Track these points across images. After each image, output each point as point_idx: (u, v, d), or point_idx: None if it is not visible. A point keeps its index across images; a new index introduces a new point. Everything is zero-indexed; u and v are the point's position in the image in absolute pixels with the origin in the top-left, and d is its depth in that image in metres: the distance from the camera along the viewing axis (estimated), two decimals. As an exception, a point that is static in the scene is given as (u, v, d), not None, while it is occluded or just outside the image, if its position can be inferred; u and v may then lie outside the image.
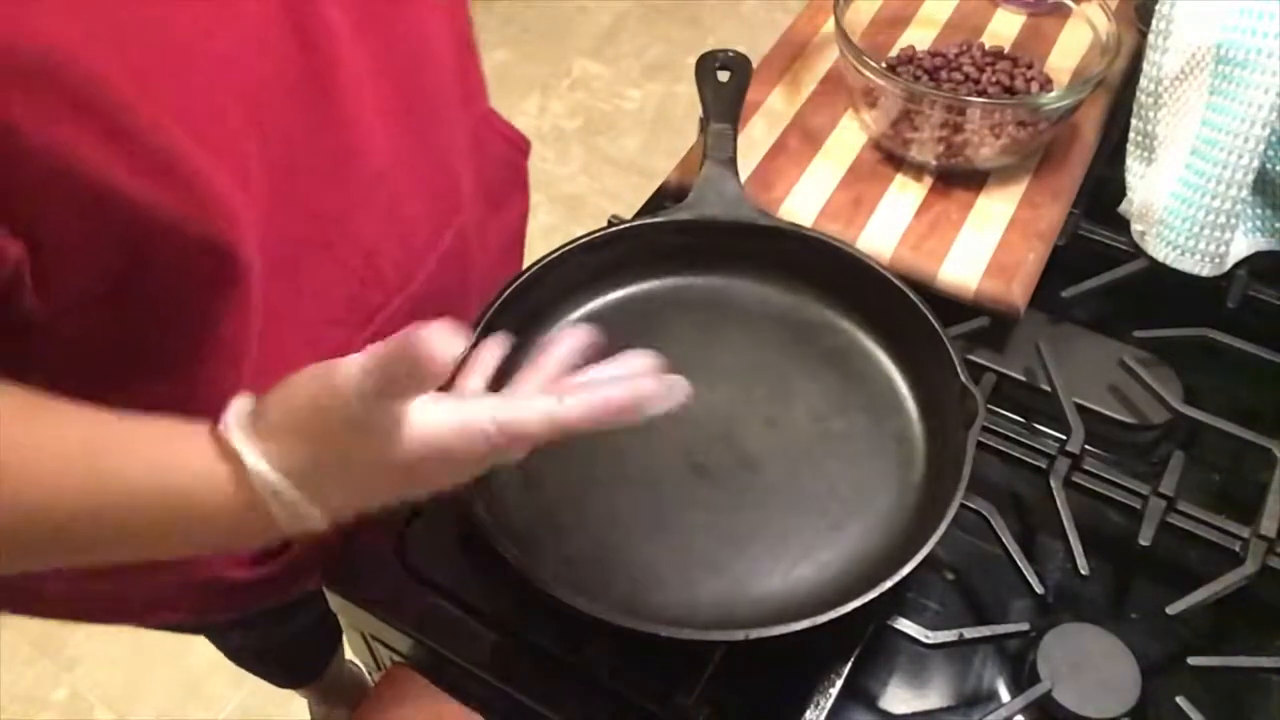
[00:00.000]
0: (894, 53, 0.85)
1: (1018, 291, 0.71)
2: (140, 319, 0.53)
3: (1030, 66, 0.80)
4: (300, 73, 0.53)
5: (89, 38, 0.43)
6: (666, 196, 0.80)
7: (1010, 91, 0.78)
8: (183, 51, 0.46)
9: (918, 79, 0.79)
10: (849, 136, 0.82)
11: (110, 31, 0.43)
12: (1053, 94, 0.74)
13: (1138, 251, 0.76)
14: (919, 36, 0.86)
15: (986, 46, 0.83)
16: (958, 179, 0.78)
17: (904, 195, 0.78)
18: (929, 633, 0.58)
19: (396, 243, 0.64)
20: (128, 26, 0.44)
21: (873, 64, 0.74)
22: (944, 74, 0.79)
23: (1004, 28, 0.88)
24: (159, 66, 0.45)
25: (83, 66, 0.43)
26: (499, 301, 0.65)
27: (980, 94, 0.77)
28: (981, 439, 0.60)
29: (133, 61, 0.44)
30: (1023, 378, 0.71)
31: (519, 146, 0.82)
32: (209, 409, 0.55)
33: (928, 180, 0.78)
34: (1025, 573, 0.60)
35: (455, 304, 0.69)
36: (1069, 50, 0.81)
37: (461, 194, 0.69)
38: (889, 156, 0.79)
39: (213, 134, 0.48)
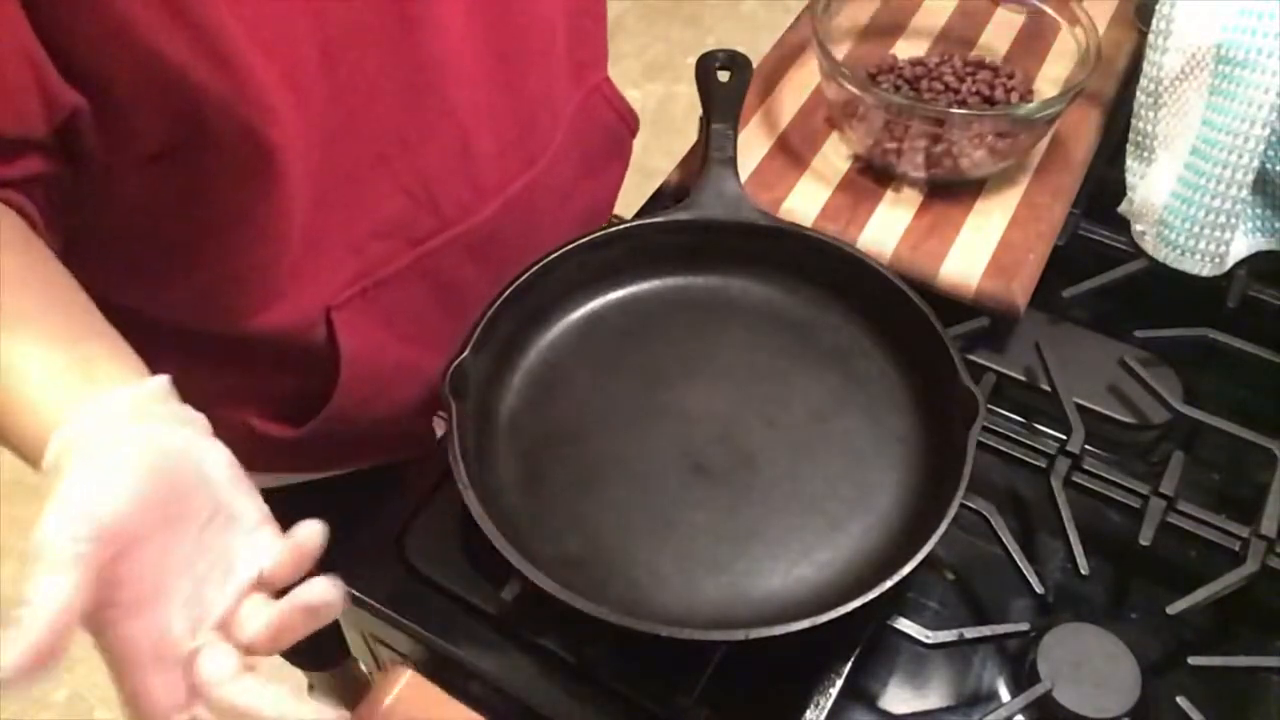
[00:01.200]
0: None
1: (1018, 291, 0.71)
2: (187, 189, 0.55)
3: (1011, 76, 0.80)
4: (392, 21, 0.55)
5: None
6: (666, 196, 0.80)
7: (990, 101, 0.78)
8: None
9: (898, 89, 0.79)
10: (849, 136, 0.82)
11: None
12: (1031, 105, 0.74)
13: (1138, 251, 0.76)
14: (914, 44, 0.86)
15: (970, 55, 0.83)
16: (954, 181, 0.78)
17: (904, 195, 0.77)
18: (929, 633, 0.58)
19: (461, 178, 0.66)
20: None
21: (849, 75, 0.74)
22: (924, 84, 0.79)
23: (1002, 32, 0.88)
24: None
25: None
26: (499, 301, 0.65)
27: (960, 104, 0.77)
28: (981, 439, 0.60)
29: None
30: (1023, 378, 0.71)
31: (627, 122, 0.84)
32: (248, 295, 0.60)
33: (924, 183, 0.78)
34: (1025, 573, 0.60)
35: (513, 250, 0.70)
36: (1063, 57, 0.81)
37: (543, 148, 0.71)
38: (876, 168, 0.79)
39: (267, 33, 0.50)
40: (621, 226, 0.71)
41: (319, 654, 1.27)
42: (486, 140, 0.66)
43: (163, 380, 0.46)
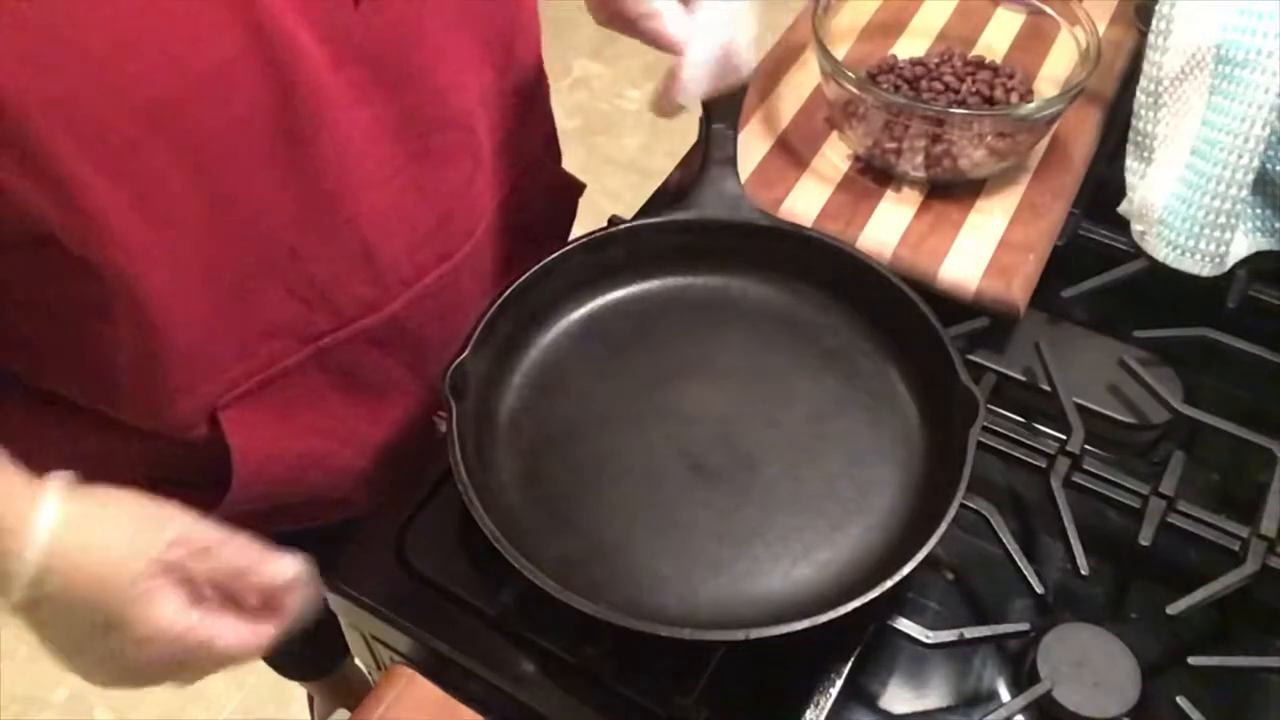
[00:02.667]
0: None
1: (1018, 291, 0.71)
2: (37, 300, 0.55)
3: (1012, 76, 0.80)
4: (275, 119, 0.52)
5: (13, 64, 0.43)
6: (666, 196, 0.80)
7: (990, 101, 0.78)
8: (99, 79, 0.46)
9: (898, 89, 0.79)
10: (849, 136, 0.82)
11: (22, 51, 0.44)
12: (1031, 105, 0.74)
13: (1138, 251, 0.76)
14: (914, 44, 0.86)
15: (970, 55, 0.83)
16: (954, 181, 0.78)
17: (904, 195, 0.77)
18: (929, 633, 0.58)
19: (362, 279, 0.63)
20: (49, 47, 0.44)
21: (849, 75, 0.74)
22: (924, 84, 0.79)
23: (1002, 31, 0.88)
24: (73, 90, 0.45)
25: (4, 92, 0.43)
26: (499, 301, 0.65)
27: (960, 104, 0.77)
28: (981, 439, 0.60)
29: (40, 81, 0.44)
30: (1023, 378, 0.71)
31: (570, 192, 0.83)
32: (126, 398, 0.59)
33: (924, 183, 0.78)
34: (1025, 573, 0.60)
35: (431, 334, 0.69)
36: (1062, 57, 0.81)
37: (463, 239, 0.68)
38: (876, 168, 0.79)
39: (117, 162, 0.48)
40: (621, 226, 0.71)
41: (317, 662, 1.26)
42: (393, 242, 0.63)
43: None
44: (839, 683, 0.57)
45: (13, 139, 0.45)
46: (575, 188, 0.83)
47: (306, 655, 1.24)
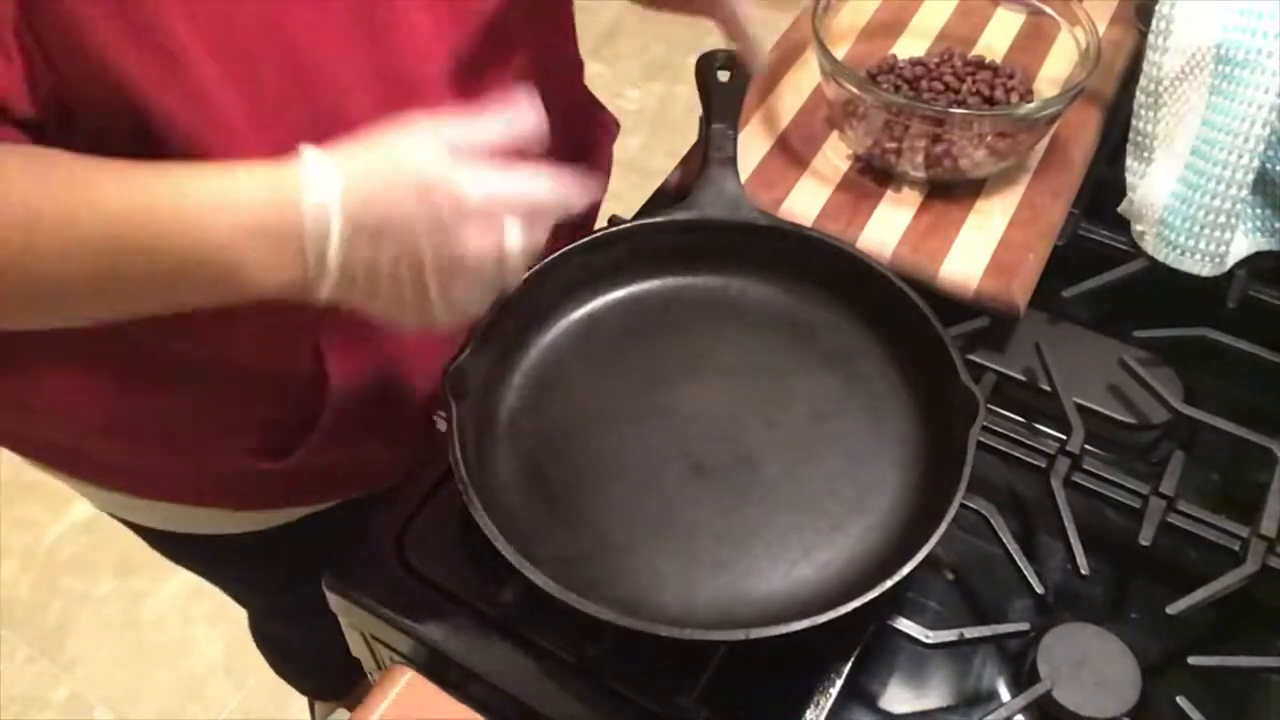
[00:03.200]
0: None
1: (1018, 291, 0.71)
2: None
3: (1012, 76, 0.80)
4: (356, 13, 0.55)
5: None
6: (666, 196, 0.80)
7: (990, 102, 0.78)
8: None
9: (898, 89, 0.79)
10: (849, 136, 0.82)
11: None
12: (1031, 105, 0.74)
13: (1138, 251, 0.76)
14: (914, 44, 0.86)
15: (970, 55, 0.83)
16: (954, 181, 0.78)
17: (904, 195, 0.77)
18: (929, 633, 0.58)
19: None
20: None
21: (849, 75, 0.74)
22: (924, 84, 0.79)
23: (1002, 31, 0.88)
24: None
25: None
26: (500, 301, 0.64)
27: (960, 104, 0.77)
28: (981, 439, 0.60)
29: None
30: (1023, 378, 0.71)
31: (605, 127, 0.84)
32: (228, 322, 0.57)
33: (924, 183, 0.78)
34: (1025, 573, 0.60)
35: None
36: (1062, 57, 0.81)
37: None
38: (876, 168, 0.79)
39: (227, 52, 0.50)
40: (621, 226, 0.70)
41: (330, 683, 1.27)
42: None
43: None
44: (839, 683, 0.57)
45: (134, 17, 0.47)
46: (610, 125, 0.84)
47: (318, 672, 1.24)
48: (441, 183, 0.48)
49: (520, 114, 0.53)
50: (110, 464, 0.73)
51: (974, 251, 0.73)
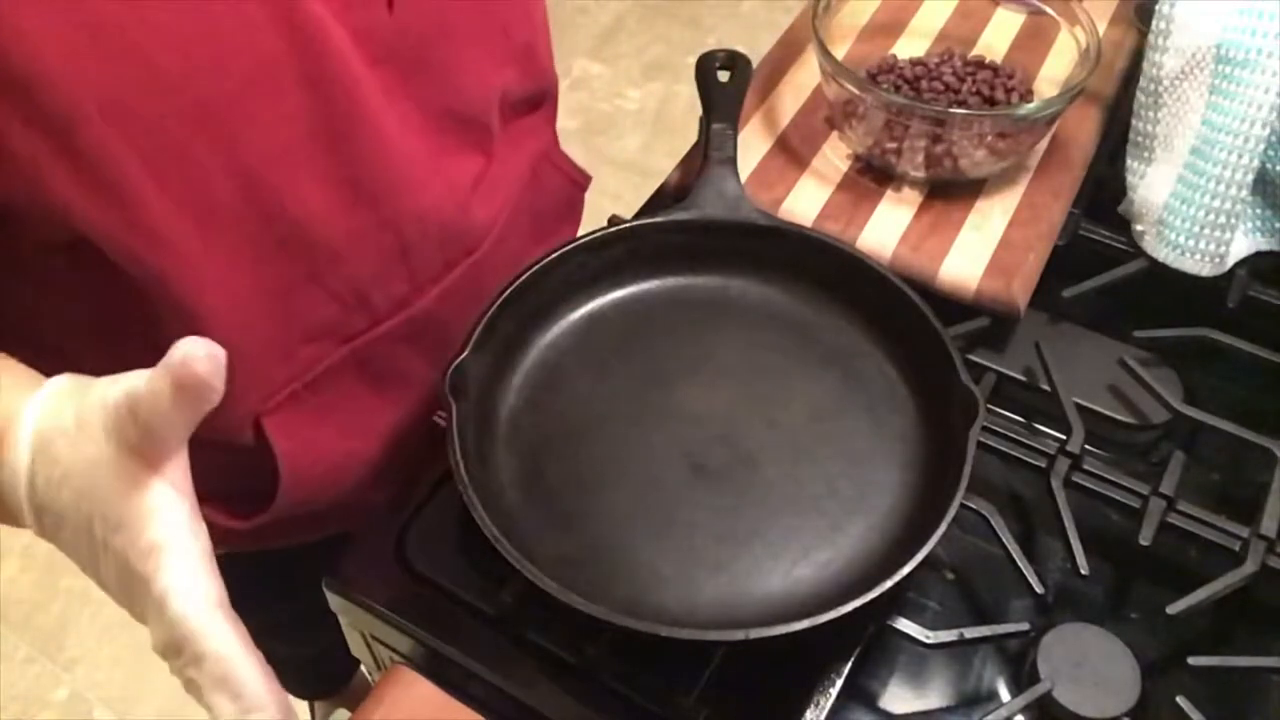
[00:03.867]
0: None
1: (1018, 291, 0.71)
2: (90, 302, 0.55)
3: (1012, 76, 0.80)
4: (315, 119, 0.53)
5: (76, 60, 0.43)
6: (666, 196, 0.80)
7: (990, 102, 0.78)
8: (150, 79, 0.46)
9: (898, 89, 0.79)
10: (849, 136, 0.82)
11: (81, 44, 0.44)
12: (1031, 105, 0.74)
13: (1138, 251, 0.76)
14: (914, 44, 0.86)
15: (970, 55, 0.83)
16: (954, 181, 0.78)
17: (904, 195, 0.78)
18: (929, 633, 0.58)
19: (397, 278, 0.64)
20: (106, 42, 0.44)
21: (849, 75, 0.74)
22: (924, 84, 0.79)
23: (1002, 31, 0.88)
24: (126, 88, 0.46)
25: (63, 91, 0.43)
26: (499, 301, 0.65)
27: (960, 104, 0.77)
28: (981, 439, 0.60)
29: (97, 78, 0.45)
30: (1023, 378, 0.71)
31: (579, 184, 0.83)
32: None
33: (924, 183, 0.78)
34: (1025, 573, 0.60)
35: (455, 330, 0.68)
36: (1062, 57, 0.81)
37: (485, 232, 0.69)
38: (876, 168, 0.79)
39: (170, 168, 0.48)
40: (621, 226, 0.71)
41: (327, 678, 1.26)
42: (426, 239, 0.64)
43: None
44: (839, 683, 0.57)
45: (68, 138, 0.45)
46: (581, 181, 0.84)
47: (313, 679, 1.24)
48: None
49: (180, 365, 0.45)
50: None
51: (974, 251, 0.73)
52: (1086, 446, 0.65)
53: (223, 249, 0.54)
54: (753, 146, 0.81)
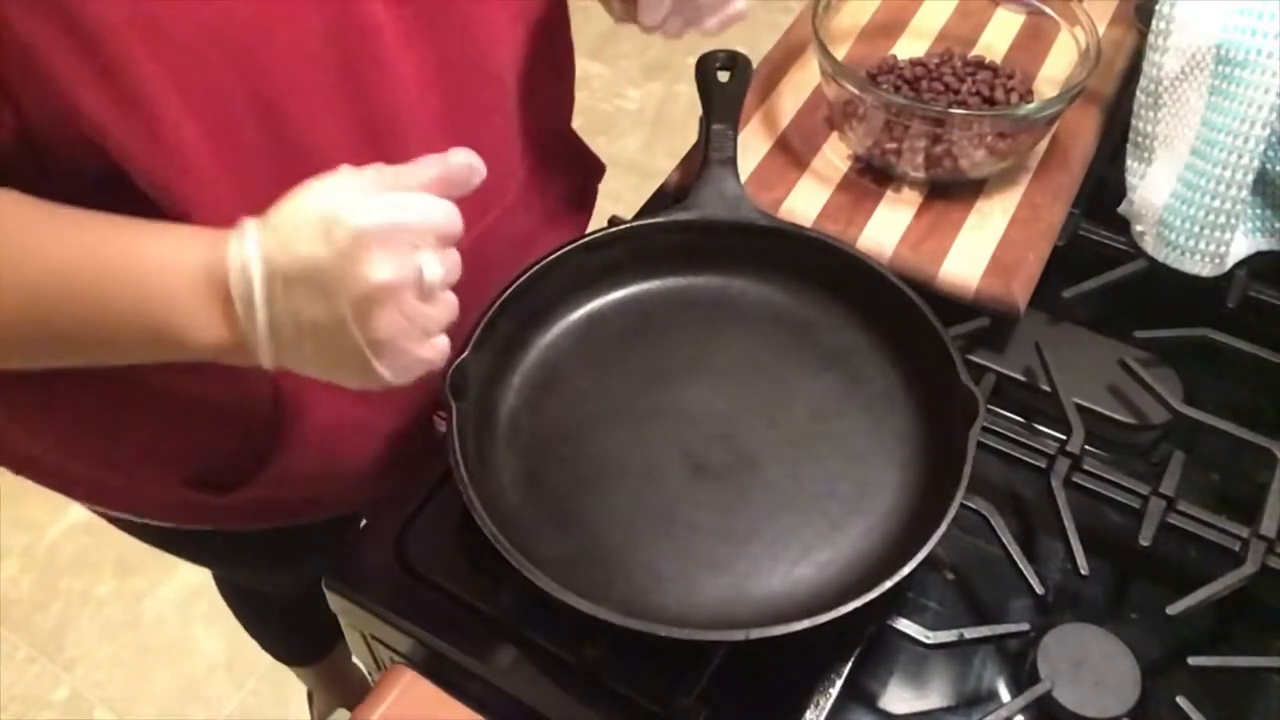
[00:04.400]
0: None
1: (1018, 291, 0.71)
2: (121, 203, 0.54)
3: (1011, 76, 0.80)
4: (338, 61, 0.54)
5: None
6: (666, 196, 0.80)
7: (990, 102, 0.78)
8: (181, 4, 0.47)
9: (898, 89, 0.79)
10: (849, 136, 0.82)
11: None
12: (1031, 105, 0.74)
13: (1138, 251, 0.76)
14: (914, 44, 0.86)
15: (970, 55, 0.83)
16: (954, 181, 0.78)
17: (904, 195, 0.77)
18: (929, 633, 0.58)
19: None
20: None
21: (849, 75, 0.74)
22: (924, 84, 0.79)
23: (1002, 32, 0.88)
24: (158, 12, 0.47)
25: (93, 1, 0.44)
26: (500, 301, 0.65)
27: (960, 105, 0.77)
28: (981, 439, 0.60)
29: (142, 6, 0.46)
30: (1023, 378, 0.71)
31: (592, 171, 0.83)
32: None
33: (924, 183, 0.78)
34: (1025, 573, 0.60)
35: (466, 301, 0.69)
36: (1062, 57, 0.81)
37: (495, 200, 0.69)
38: (876, 168, 0.79)
39: (195, 90, 0.49)
40: (621, 226, 0.71)
41: (305, 648, 1.26)
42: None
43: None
44: (839, 683, 0.57)
45: (101, 59, 0.46)
46: (596, 169, 0.83)
47: (294, 639, 1.23)
48: (340, 217, 0.46)
49: (452, 157, 0.51)
50: (55, 470, 0.72)
51: (974, 251, 0.73)
52: (1086, 446, 0.65)
53: (242, 177, 0.53)
54: (753, 147, 0.81)
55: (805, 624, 0.52)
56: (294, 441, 0.65)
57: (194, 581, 1.59)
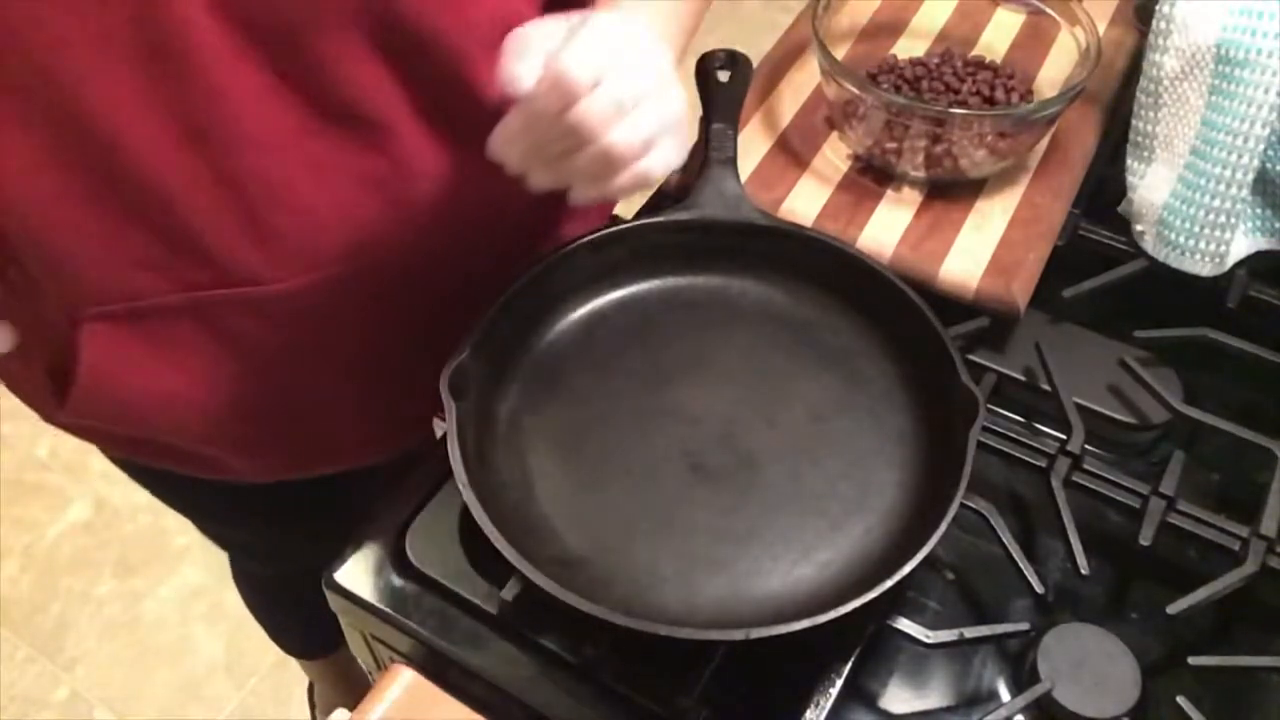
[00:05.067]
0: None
1: (1018, 291, 0.71)
2: None
3: (1011, 76, 0.80)
4: (136, 44, 0.51)
5: None
6: (666, 196, 0.80)
7: (990, 102, 0.78)
8: None
9: (898, 89, 0.79)
10: (849, 136, 0.82)
11: None
12: (1031, 105, 0.74)
13: (1138, 251, 0.76)
14: (914, 44, 0.86)
15: (970, 55, 0.83)
16: (954, 181, 0.78)
17: (904, 195, 0.77)
18: (929, 633, 0.58)
19: (245, 246, 0.60)
20: None
21: (849, 75, 0.74)
22: (925, 84, 0.79)
23: (1002, 32, 0.88)
24: None
25: None
26: (499, 301, 0.64)
27: (960, 105, 0.77)
28: (981, 439, 0.60)
29: None
30: (1023, 378, 0.71)
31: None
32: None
33: (924, 183, 0.78)
34: (1025, 573, 0.60)
35: (349, 328, 0.68)
36: (1062, 57, 0.81)
37: (393, 243, 0.64)
38: (876, 168, 0.79)
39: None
40: (621, 226, 0.70)
41: (320, 637, 1.25)
42: (286, 217, 0.59)
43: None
44: (839, 683, 0.57)
45: None
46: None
47: (306, 631, 1.23)
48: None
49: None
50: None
51: (974, 251, 0.73)
52: (1086, 446, 0.65)
53: (30, 144, 0.53)
54: (753, 146, 0.81)
55: (805, 624, 0.52)
56: (87, 384, 0.64)
57: (194, 581, 1.59)
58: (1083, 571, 0.60)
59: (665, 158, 0.54)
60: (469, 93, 0.60)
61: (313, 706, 1.44)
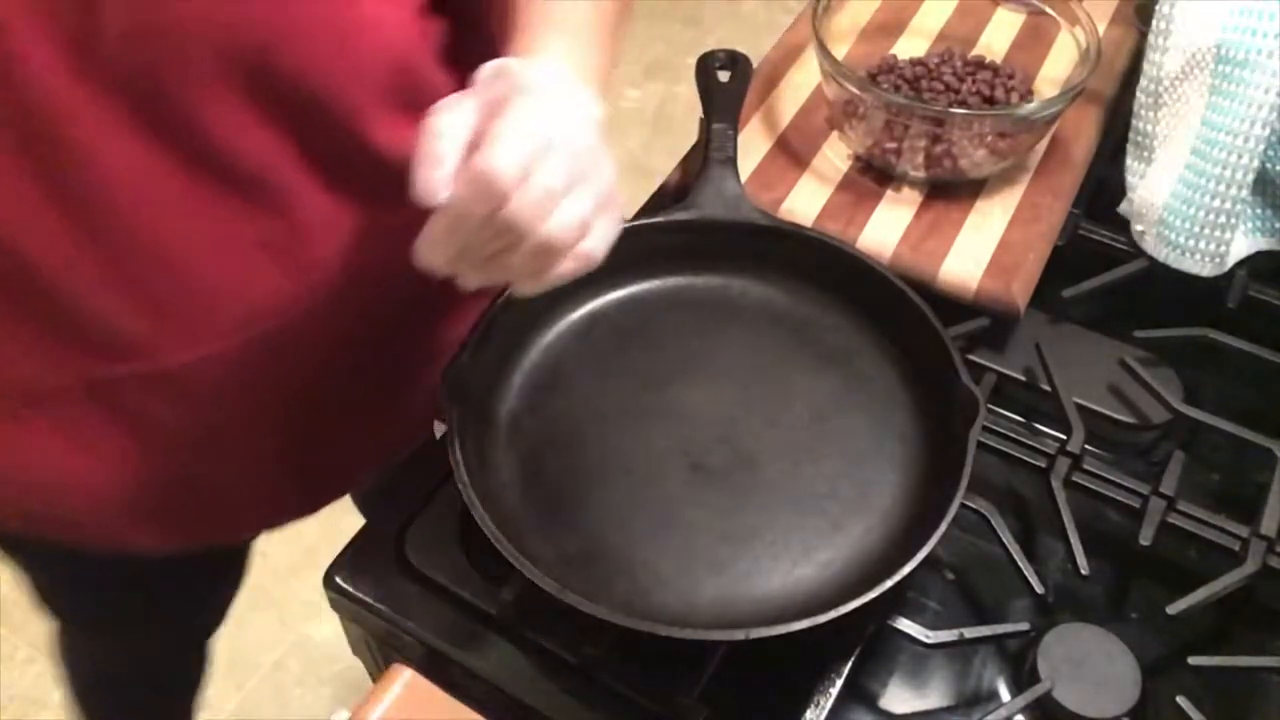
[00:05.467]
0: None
1: (1018, 291, 0.71)
2: None
3: (1012, 76, 0.80)
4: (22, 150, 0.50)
5: None
6: (666, 196, 0.80)
7: (990, 102, 0.78)
8: None
9: (898, 89, 0.79)
10: (849, 136, 0.82)
11: None
12: (1031, 105, 0.75)
13: (1138, 251, 0.76)
14: (914, 44, 0.86)
15: (970, 55, 0.83)
16: (954, 181, 0.78)
17: (904, 195, 0.78)
18: (929, 633, 0.58)
19: (137, 320, 0.58)
20: None
21: (849, 75, 0.74)
22: (924, 84, 0.79)
23: (1002, 31, 0.88)
24: None
25: None
26: (499, 301, 0.64)
27: (960, 104, 0.77)
28: (981, 439, 0.60)
29: None
30: (1023, 378, 0.71)
31: None
32: None
33: (924, 183, 0.78)
34: (1025, 573, 0.60)
35: (245, 399, 0.65)
36: (1062, 57, 0.81)
37: (289, 305, 0.62)
38: (876, 168, 0.79)
39: None
40: (621, 226, 0.70)
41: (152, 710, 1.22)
42: (180, 287, 0.57)
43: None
44: (839, 683, 0.58)
45: None
46: None
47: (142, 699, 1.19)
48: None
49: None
50: None
51: (974, 251, 0.73)
52: (1086, 446, 0.65)
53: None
54: (753, 146, 0.81)
55: (805, 624, 0.52)
56: None
57: (194, 581, 1.58)
58: (1083, 571, 0.60)
59: (605, 234, 0.50)
60: (365, 149, 0.57)
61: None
